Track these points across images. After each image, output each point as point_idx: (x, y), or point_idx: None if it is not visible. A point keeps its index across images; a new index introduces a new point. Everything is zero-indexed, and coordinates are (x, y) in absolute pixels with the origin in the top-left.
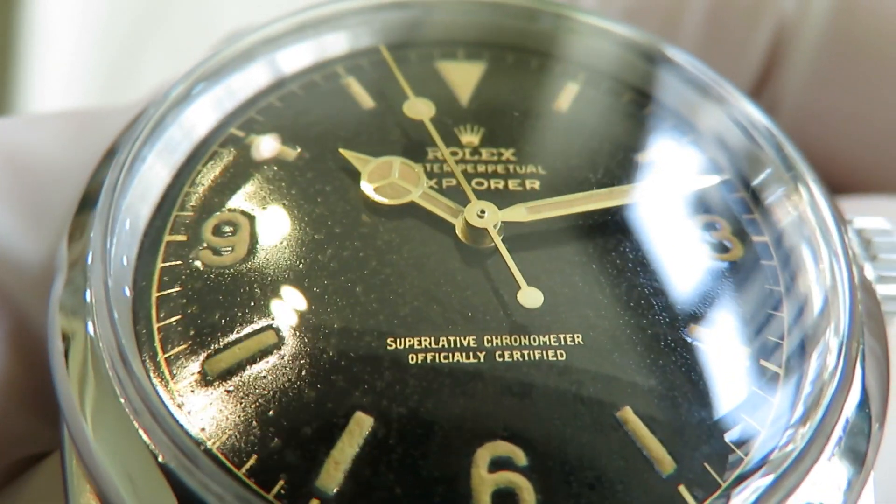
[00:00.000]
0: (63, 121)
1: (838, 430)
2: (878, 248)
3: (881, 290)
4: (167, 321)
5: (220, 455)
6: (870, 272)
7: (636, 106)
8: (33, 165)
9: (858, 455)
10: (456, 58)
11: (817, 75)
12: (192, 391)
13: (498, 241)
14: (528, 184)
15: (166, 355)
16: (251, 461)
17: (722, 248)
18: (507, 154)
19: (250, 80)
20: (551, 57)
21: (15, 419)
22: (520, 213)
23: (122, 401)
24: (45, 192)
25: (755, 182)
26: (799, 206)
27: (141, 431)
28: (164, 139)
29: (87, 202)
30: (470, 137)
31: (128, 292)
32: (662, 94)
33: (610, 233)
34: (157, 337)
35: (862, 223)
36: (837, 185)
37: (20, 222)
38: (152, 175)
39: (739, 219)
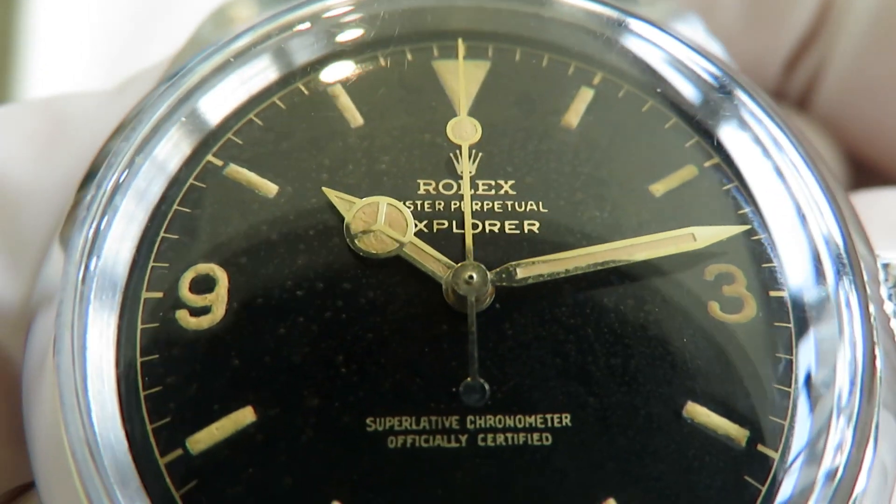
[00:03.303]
0: (35, 118)
1: None
2: None
3: None
4: (152, 390)
5: None
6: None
7: (658, 119)
8: (3, 182)
9: None
10: (456, 56)
11: (870, 40)
12: (177, 468)
13: (472, 318)
14: (526, 226)
15: (153, 426)
16: None
17: (734, 307)
18: (506, 187)
19: (229, 92)
20: (565, 52)
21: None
22: (511, 275)
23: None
24: (15, 217)
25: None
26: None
27: None
28: (137, 179)
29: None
30: (466, 165)
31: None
32: (689, 106)
33: (609, 290)
34: (144, 407)
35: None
36: (883, 153)
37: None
38: (126, 221)
39: (756, 267)
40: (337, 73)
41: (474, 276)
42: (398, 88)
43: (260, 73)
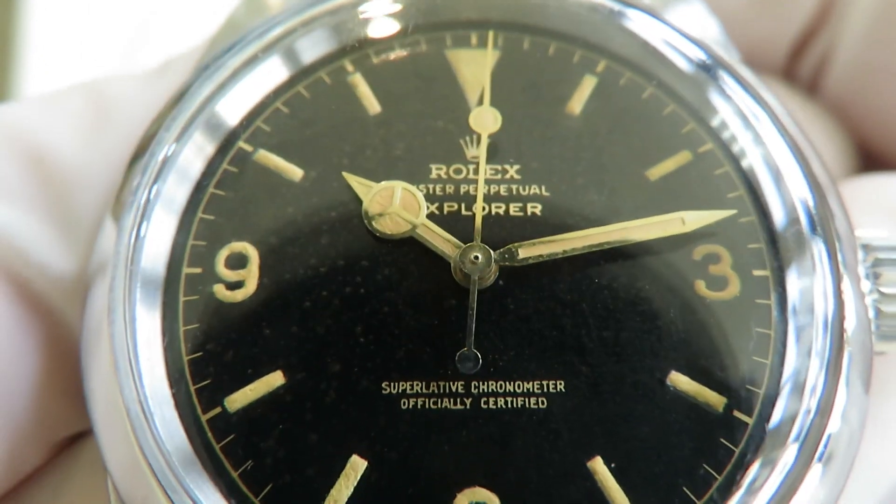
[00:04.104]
0: (80, 101)
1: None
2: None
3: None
4: (194, 355)
5: (239, 482)
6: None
7: (657, 105)
8: (54, 162)
9: None
10: (469, 45)
11: (877, 26)
12: (217, 424)
13: (473, 294)
14: (529, 208)
15: (196, 387)
16: (266, 490)
17: (719, 285)
18: (512, 171)
19: (258, 82)
20: (571, 40)
21: (56, 404)
22: (513, 255)
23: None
24: (69, 196)
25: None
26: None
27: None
28: (177, 165)
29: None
30: (475, 151)
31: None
32: (688, 91)
33: (604, 269)
34: (187, 370)
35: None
36: (890, 139)
37: (48, 230)
38: (168, 204)
39: (742, 248)
40: (356, 63)
41: (479, 256)
42: (413, 78)
43: (285, 65)
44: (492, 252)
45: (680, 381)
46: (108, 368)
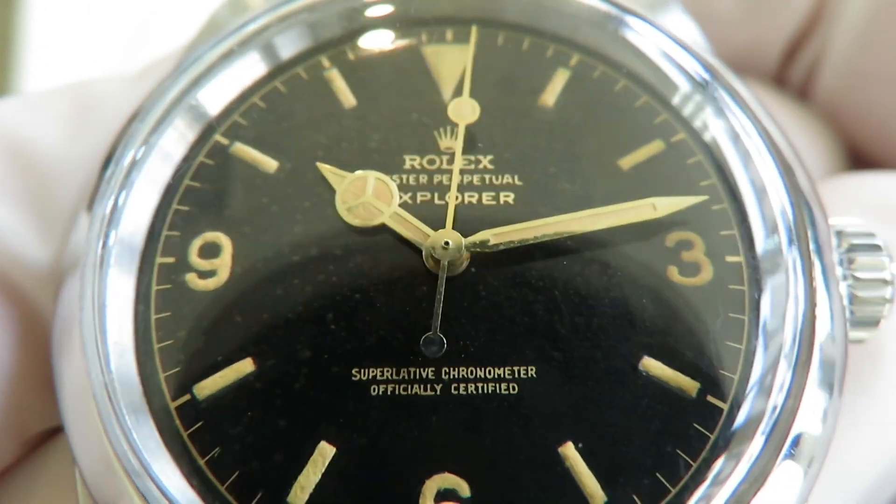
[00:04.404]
0: (64, 101)
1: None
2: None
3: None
4: (164, 343)
5: (205, 469)
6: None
7: (629, 97)
8: (36, 157)
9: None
10: (445, 40)
11: (868, 30)
12: (186, 411)
13: (441, 280)
14: (502, 197)
15: (165, 374)
16: (232, 477)
17: (691, 271)
18: (485, 162)
19: (236, 77)
20: (545, 35)
21: (29, 397)
22: (485, 242)
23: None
24: (48, 188)
25: (741, 188)
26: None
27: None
28: (151, 157)
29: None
30: (448, 142)
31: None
32: (660, 85)
33: (576, 255)
34: (157, 357)
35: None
36: (879, 143)
37: (25, 220)
38: (143, 195)
39: (715, 235)
40: (333, 59)
41: (450, 242)
42: (389, 73)
43: (262, 60)
44: (463, 238)
45: (652, 365)
46: (78, 357)
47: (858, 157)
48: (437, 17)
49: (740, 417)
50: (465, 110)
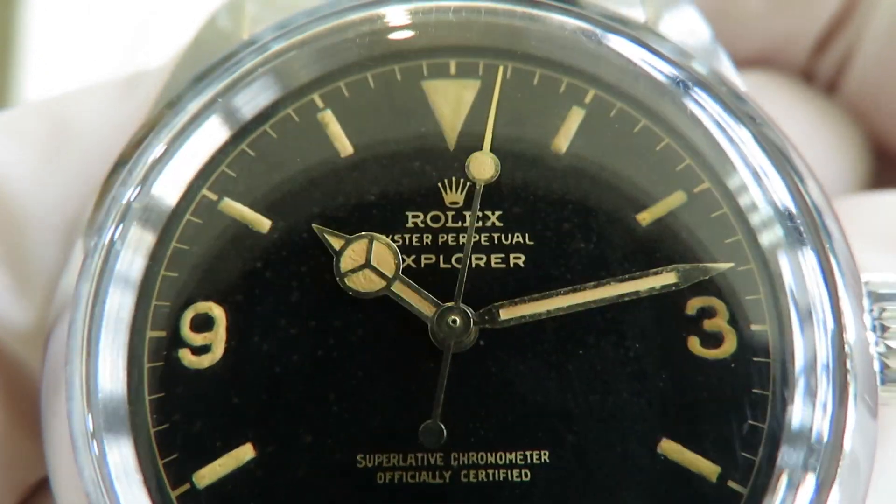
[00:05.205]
0: (36, 123)
1: None
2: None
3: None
4: (160, 427)
5: None
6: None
7: (650, 139)
8: (5, 196)
9: None
10: (448, 74)
11: None
12: (186, 501)
13: (445, 364)
14: (512, 259)
15: (163, 462)
16: None
17: (713, 342)
18: (493, 218)
19: (218, 125)
20: (557, 67)
21: (22, 448)
22: (494, 318)
23: None
24: (23, 236)
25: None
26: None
27: None
28: (136, 221)
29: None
30: (454, 196)
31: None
32: (684, 126)
33: (591, 327)
34: (154, 443)
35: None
36: None
37: (2, 276)
38: (128, 263)
39: (739, 300)
40: (326, 97)
41: (457, 319)
42: (387, 113)
43: (249, 103)
44: (471, 314)
45: (672, 449)
46: (67, 448)
47: (884, 154)
48: (440, 48)
49: (763, 502)
50: (485, 168)
